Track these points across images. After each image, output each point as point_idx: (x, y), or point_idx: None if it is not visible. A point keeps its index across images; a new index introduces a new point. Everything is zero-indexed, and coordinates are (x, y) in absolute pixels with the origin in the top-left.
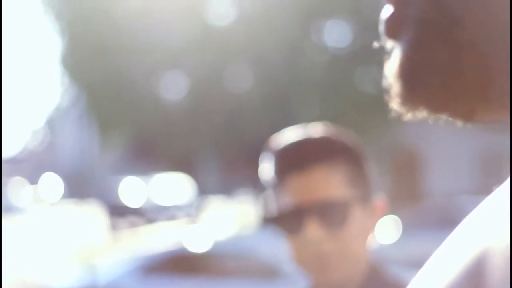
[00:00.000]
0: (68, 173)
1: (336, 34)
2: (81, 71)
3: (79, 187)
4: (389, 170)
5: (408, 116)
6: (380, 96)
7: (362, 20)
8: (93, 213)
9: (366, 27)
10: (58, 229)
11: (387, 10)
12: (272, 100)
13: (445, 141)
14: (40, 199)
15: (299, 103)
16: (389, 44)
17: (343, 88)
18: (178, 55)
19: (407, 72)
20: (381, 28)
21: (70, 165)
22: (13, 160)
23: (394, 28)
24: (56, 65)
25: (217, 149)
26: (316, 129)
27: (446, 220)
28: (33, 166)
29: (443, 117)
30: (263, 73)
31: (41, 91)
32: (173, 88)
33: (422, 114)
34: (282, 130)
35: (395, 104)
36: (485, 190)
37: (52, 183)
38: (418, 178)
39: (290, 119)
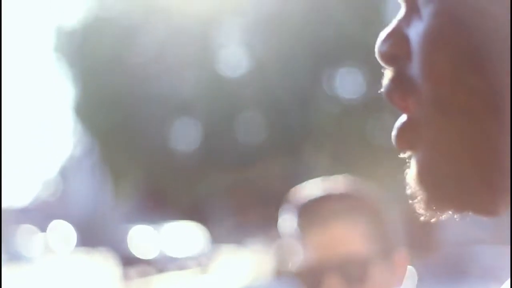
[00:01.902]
0: (80, 222)
1: (348, 84)
2: (94, 119)
3: (90, 236)
4: (403, 221)
5: (435, 218)
6: (392, 146)
7: (374, 70)
8: (104, 262)
9: (378, 77)
10: (69, 279)
11: (400, 119)
12: (284, 150)
13: None
14: (51, 248)
15: (311, 152)
16: (404, 153)
17: (355, 138)
18: (190, 105)
19: (428, 180)
20: (393, 138)
21: (82, 214)
22: (25, 210)
23: (405, 140)
24: (69, 114)
25: (229, 198)
26: (337, 184)
27: (461, 270)
28: (44, 215)
29: (469, 214)
30: (275, 123)
31: (54, 140)
32: (185, 137)
33: (448, 214)
34: (302, 183)
35: (421, 209)
36: (500, 239)
37: (63, 231)
38: (432, 228)
39: (302, 169)
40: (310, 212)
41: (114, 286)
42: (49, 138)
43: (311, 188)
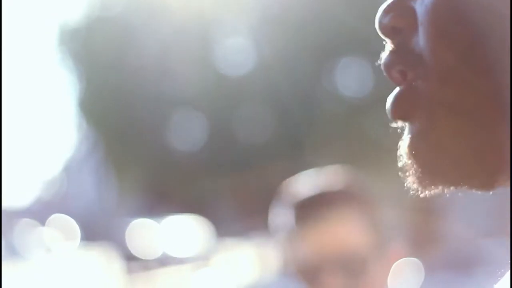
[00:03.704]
0: (83, 216)
1: (353, 82)
2: (98, 116)
3: (93, 231)
4: (408, 215)
5: (426, 193)
6: (397, 144)
7: (380, 68)
8: (107, 257)
9: (383, 77)
10: (72, 274)
11: (395, 90)
12: (288, 147)
13: None
14: (54, 243)
15: (315, 149)
16: (398, 124)
17: (360, 136)
18: (194, 102)
19: (423, 150)
20: (389, 106)
21: (85, 209)
22: (28, 207)
23: (403, 109)
24: (73, 111)
25: (233, 192)
26: (331, 177)
27: (468, 264)
28: (48, 211)
29: (462, 190)
30: (278, 121)
31: (59, 137)
32: (189, 134)
33: (440, 190)
34: (296, 176)
35: (411, 182)
36: (505, 233)
37: (65, 226)
38: (437, 221)
39: (305, 166)
40: (306, 209)
41: (117, 280)
42: (53, 135)
43: (305, 183)
